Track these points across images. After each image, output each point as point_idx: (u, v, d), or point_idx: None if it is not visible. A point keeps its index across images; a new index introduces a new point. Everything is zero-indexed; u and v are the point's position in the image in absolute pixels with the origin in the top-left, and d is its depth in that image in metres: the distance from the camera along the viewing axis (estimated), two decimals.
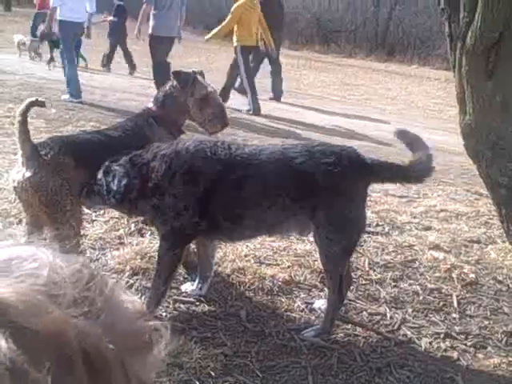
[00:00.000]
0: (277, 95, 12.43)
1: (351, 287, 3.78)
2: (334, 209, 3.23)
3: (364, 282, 4.01)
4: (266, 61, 12.06)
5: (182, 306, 3.58)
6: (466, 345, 3.41)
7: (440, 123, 10.91)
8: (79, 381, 0.56)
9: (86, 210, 4.08)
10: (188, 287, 3.72)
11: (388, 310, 3.70)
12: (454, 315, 3.71)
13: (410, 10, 24.15)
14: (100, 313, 0.61)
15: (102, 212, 4.65)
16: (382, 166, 3.36)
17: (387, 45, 22.11)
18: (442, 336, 3.47)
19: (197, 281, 3.70)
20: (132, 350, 0.64)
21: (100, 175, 3.33)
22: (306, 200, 3.23)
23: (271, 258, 4.20)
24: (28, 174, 3.38)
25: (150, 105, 4.11)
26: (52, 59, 13.28)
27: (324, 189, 3.21)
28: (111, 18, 14.90)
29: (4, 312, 0.55)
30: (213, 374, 2.95)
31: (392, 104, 13.65)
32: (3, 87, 10.56)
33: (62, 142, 3.55)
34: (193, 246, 3.74)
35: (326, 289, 3.62)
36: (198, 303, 3.61)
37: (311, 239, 3.49)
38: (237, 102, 10.65)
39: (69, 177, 3.44)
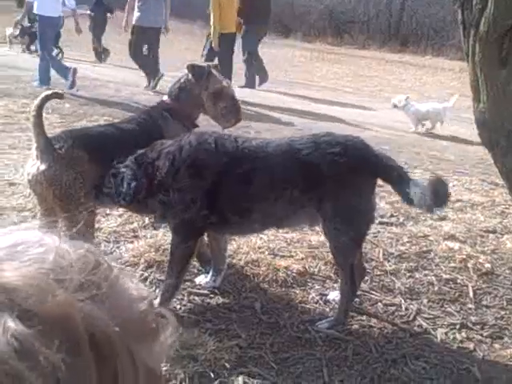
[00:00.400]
0: (262, 78, 12.38)
1: (366, 278, 3.77)
2: (340, 199, 3.21)
3: (379, 272, 3.99)
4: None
5: (196, 298, 3.58)
6: (482, 335, 3.39)
7: (455, 114, 10.81)
8: (87, 364, 0.56)
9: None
10: (202, 280, 3.72)
11: (403, 300, 3.68)
12: (469, 306, 3.68)
13: (422, 0, 23.97)
14: (105, 298, 0.61)
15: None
16: (388, 162, 3.31)
17: (400, 36, 21.95)
18: (457, 327, 3.45)
19: (210, 273, 3.70)
20: (138, 337, 0.63)
21: (108, 178, 3.35)
22: (313, 191, 3.22)
23: (285, 250, 4.19)
24: (42, 168, 3.39)
25: (165, 98, 4.10)
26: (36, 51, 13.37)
27: (330, 179, 3.19)
28: (88, 12, 15.01)
29: (10, 295, 0.55)
30: (227, 365, 2.95)
31: (406, 95, 13.56)
32: (18, 83, 10.63)
33: (75, 136, 3.55)
34: (205, 238, 3.74)
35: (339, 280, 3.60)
36: (212, 295, 3.61)
37: None
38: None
39: (83, 170, 3.44)
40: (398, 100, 9.91)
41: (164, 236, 4.13)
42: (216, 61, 11.02)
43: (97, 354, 0.57)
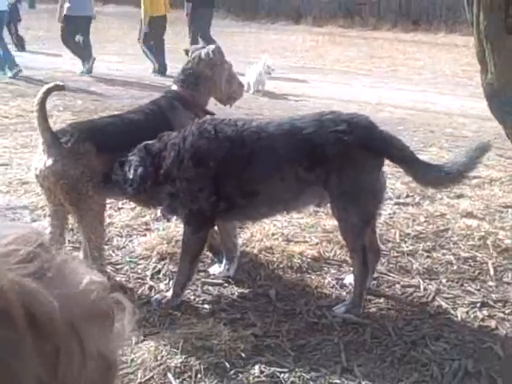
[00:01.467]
0: None
1: (382, 260, 3.71)
2: (345, 178, 3.17)
3: (395, 254, 3.92)
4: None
5: (210, 288, 3.54)
6: (504, 313, 3.31)
7: (470, 89, 10.63)
8: (22, 338, 0.54)
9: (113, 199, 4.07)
10: (215, 269, 3.69)
11: (421, 281, 3.60)
12: (490, 283, 3.60)
13: None
14: (48, 274, 0.59)
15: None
16: (395, 142, 3.27)
17: (412, 15, 21.61)
18: (478, 305, 3.38)
19: (223, 262, 3.66)
20: (87, 318, 0.61)
21: (116, 166, 3.33)
22: (319, 169, 3.18)
23: (299, 236, 4.12)
24: (49, 162, 3.35)
25: (174, 87, 3.98)
26: None
27: (335, 157, 3.15)
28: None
29: None
30: (243, 355, 2.91)
31: (420, 74, 13.38)
32: (30, 83, 10.66)
33: (81, 129, 3.51)
34: (215, 228, 3.69)
35: None
36: (226, 285, 3.57)
37: None
38: None
39: (90, 163, 3.40)
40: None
41: (176, 228, 4.09)
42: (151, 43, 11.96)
43: (36, 330, 0.55)
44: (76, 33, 11.87)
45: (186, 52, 4.09)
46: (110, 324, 0.64)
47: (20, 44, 15.65)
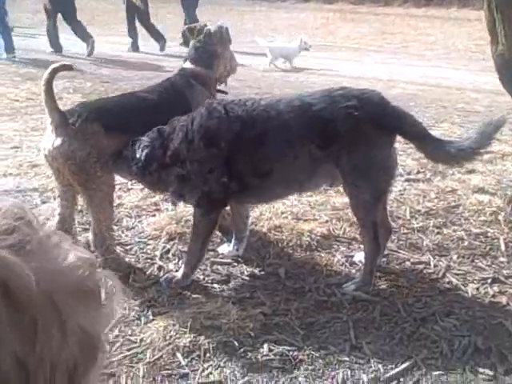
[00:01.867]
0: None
1: (393, 237, 3.68)
2: (357, 154, 3.12)
3: (406, 230, 3.89)
4: None
5: (219, 267, 3.53)
6: None
7: (483, 64, 10.49)
8: None
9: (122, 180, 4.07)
10: (224, 249, 3.67)
11: (432, 258, 3.58)
12: (501, 259, 3.57)
13: None
14: (27, 246, 0.58)
15: None
16: (407, 118, 3.22)
17: None
18: (489, 281, 3.35)
19: (232, 242, 3.65)
20: (69, 293, 0.60)
21: (129, 144, 3.33)
22: (330, 146, 3.14)
23: (309, 214, 4.10)
24: (57, 143, 3.34)
25: (187, 64, 3.92)
26: None
27: (346, 134, 3.10)
28: None
29: None
30: (252, 334, 2.90)
31: (432, 49, 13.23)
32: (40, 66, 10.64)
33: (89, 109, 3.48)
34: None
35: None
36: (235, 264, 3.56)
37: None
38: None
39: (98, 144, 3.37)
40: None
41: (185, 208, 4.08)
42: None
43: (9, 301, 0.55)
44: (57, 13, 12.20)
45: (191, 30, 4.03)
46: (96, 302, 0.63)
47: None
